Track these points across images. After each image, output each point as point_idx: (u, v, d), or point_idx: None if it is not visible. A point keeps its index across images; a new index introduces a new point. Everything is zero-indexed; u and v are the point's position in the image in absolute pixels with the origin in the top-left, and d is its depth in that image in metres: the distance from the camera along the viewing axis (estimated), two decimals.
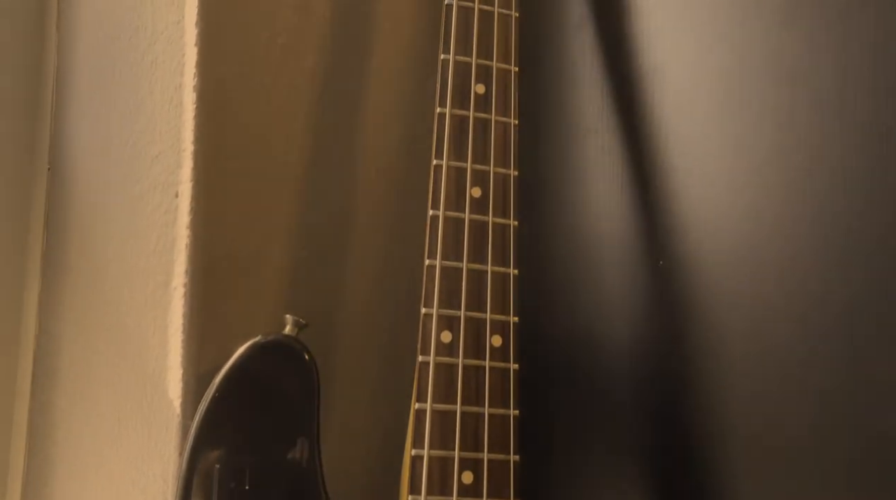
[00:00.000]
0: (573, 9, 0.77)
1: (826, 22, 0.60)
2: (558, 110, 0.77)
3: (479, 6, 0.67)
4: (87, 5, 0.75)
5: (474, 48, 0.66)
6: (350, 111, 0.75)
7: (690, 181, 0.67)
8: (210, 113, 0.62)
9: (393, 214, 0.75)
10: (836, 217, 0.59)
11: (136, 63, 0.67)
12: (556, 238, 0.75)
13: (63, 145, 0.75)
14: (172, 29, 0.63)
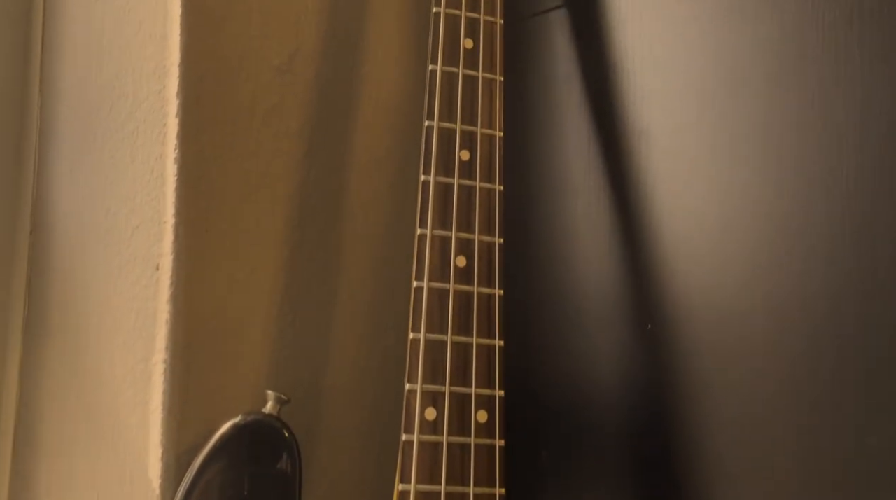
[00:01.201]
0: (559, 67, 0.77)
1: (812, 93, 0.60)
2: (545, 169, 0.77)
3: (464, 71, 0.67)
4: (70, 68, 0.75)
5: (458, 114, 0.66)
6: (335, 173, 0.74)
7: (678, 243, 0.67)
8: (191, 185, 0.61)
9: (378, 283, 0.74)
10: (824, 285, 0.59)
11: (117, 130, 0.67)
12: (543, 300, 0.75)
13: (45, 208, 0.75)
14: (154, 98, 0.63)
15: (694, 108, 0.67)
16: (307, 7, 0.73)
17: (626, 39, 0.72)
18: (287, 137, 0.70)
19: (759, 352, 0.61)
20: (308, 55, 0.73)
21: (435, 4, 0.67)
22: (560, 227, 0.75)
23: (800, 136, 0.61)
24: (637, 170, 0.70)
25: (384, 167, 0.77)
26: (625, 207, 0.71)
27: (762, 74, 0.64)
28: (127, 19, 0.68)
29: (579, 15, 0.76)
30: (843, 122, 0.59)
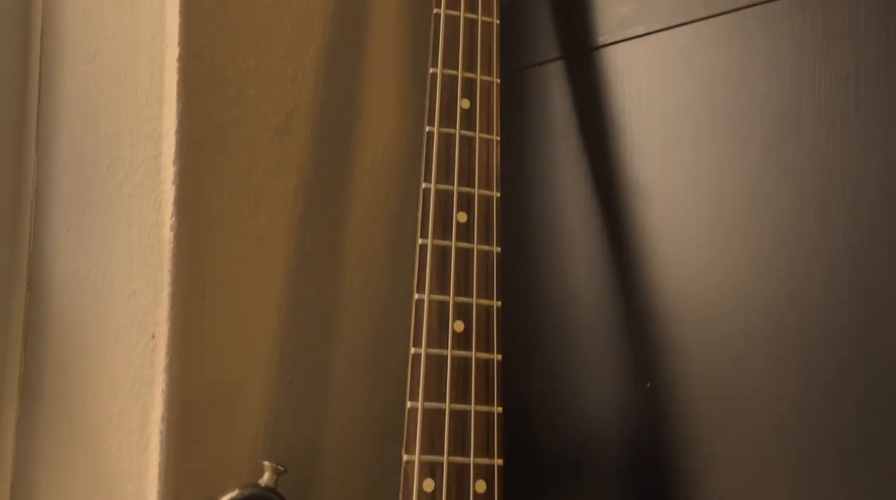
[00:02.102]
0: (556, 118, 0.77)
1: (808, 154, 0.61)
2: (542, 223, 0.77)
3: (461, 132, 0.67)
4: (67, 126, 0.75)
5: (455, 176, 0.66)
6: (333, 230, 0.75)
7: (676, 296, 0.67)
8: (188, 252, 0.61)
9: (376, 344, 0.74)
10: (821, 337, 0.59)
11: (113, 192, 0.67)
12: (543, 363, 0.74)
13: (42, 266, 0.75)
14: (151, 163, 0.63)
15: (690, 164, 0.68)
16: (304, 65, 0.73)
17: (624, 94, 0.73)
18: (285, 197, 0.71)
19: (756, 396, 0.61)
20: (305, 114, 0.73)
21: (432, 65, 0.68)
22: (559, 283, 0.75)
23: (794, 195, 0.62)
24: (634, 224, 0.71)
25: (381, 223, 0.77)
26: (623, 261, 0.71)
27: (758, 134, 0.64)
28: (124, 81, 0.68)
29: (576, 68, 0.77)
30: (837, 183, 0.59)
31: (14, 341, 0.76)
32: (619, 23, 0.73)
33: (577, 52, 0.76)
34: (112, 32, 0.70)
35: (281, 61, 0.72)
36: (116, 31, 0.70)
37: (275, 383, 0.67)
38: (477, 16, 0.71)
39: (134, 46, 0.67)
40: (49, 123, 0.76)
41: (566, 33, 0.78)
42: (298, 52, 0.73)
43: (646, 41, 0.72)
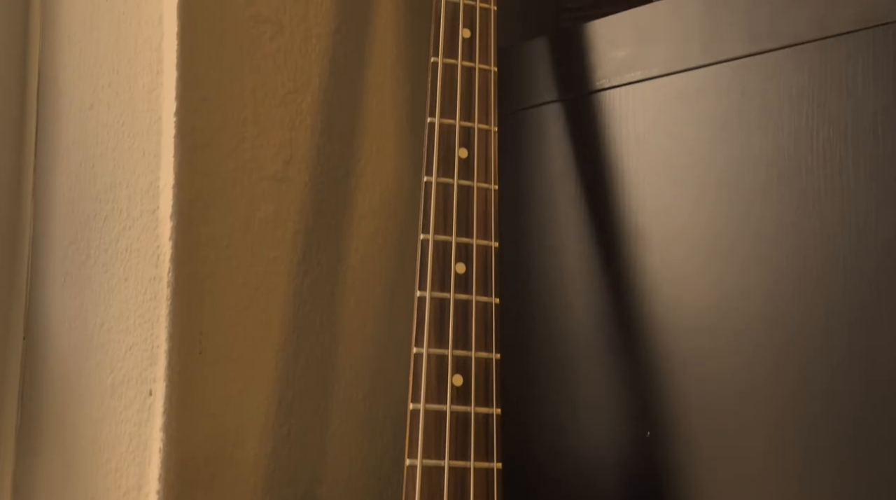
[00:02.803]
0: (554, 159, 0.77)
1: (808, 203, 0.61)
2: (540, 266, 0.77)
3: (459, 182, 0.67)
4: (63, 175, 0.75)
5: (454, 226, 0.66)
6: (330, 275, 0.75)
7: (676, 341, 0.67)
8: (185, 307, 0.61)
9: (374, 393, 0.74)
10: (824, 395, 0.58)
11: (110, 245, 0.67)
12: (542, 413, 0.74)
13: (38, 315, 0.75)
14: (148, 218, 0.63)
15: (689, 210, 0.68)
16: (302, 111, 0.74)
17: (622, 138, 0.73)
18: (283, 245, 0.71)
19: (758, 441, 0.61)
20: (303, 160, 0.73)
21: (429, 114, 0.68)
22: (558, 329, 0.75)
23: (793, 246, 0.62)
24: (633, 268, 0.70)
25: (379, 268, 0.77)
26: (622, 305, 0.71)
27: (757, 184, 0.64)
28: (121, 132, 0.68)
29: (574, 110, 0.77)
30: (837, 235, 0.59)
31: (11, 392, 0.76)
32: (617, 67, 0.74)
33: (575, 95, 0.77)
34: (109, 83, 0.70)
35: (279, 109, 0.72)
36: (113, 81, 0.70)
37: (272, 435, 0.67)
38: (474, 64, 0.71)
39: (131, 98, 0.68)
40: (46, 171, 0.77)
41: (564, 76, 0.78)
42: (296, 98, 0.73)
43: (644, 86, 0.72)
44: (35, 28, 0.79)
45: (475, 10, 0.72)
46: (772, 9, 0.64)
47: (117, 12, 0.70)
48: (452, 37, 0.71)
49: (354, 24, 0.78)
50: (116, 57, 0.70)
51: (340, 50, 0.77)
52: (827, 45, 0.61)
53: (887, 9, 0.58)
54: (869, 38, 0.59)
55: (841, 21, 0.60)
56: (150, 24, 0.66)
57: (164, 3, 0.65)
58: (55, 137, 0.76)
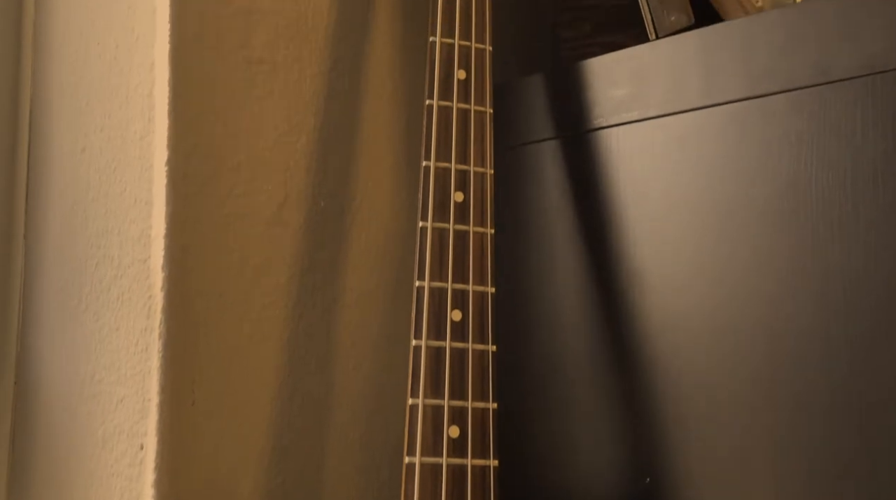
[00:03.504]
0: (550, 196, 0.77)
1: (810, 247, 0.60)
2: (536, 312, 0.77)
3: (455, 227, 0.67)
4: (55, 219, 0.75)
5: (449, 272, 0.66)
6: (325, 315, 0.74)
7: (674, 384, 0.66)
8: (177, 360, 0.61)
9: (370, 440, 0.73)
10: (823, 440, 0.58)
11: (102, 293, 0.66)
12: (540, 465, 0.73)
13: (30, 360, 0.74)
14: (139, 267, 0.62)
15: (687, 253, 0.67)
16: (296, 152, 0.73)
17: (619, 177, 0.72)
18: (277, 289, 0.70)
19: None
20: (297, 203, 0.73)
21: (425, 158, 0.67)
22: (556, 374, 0.74)
23: (792, 291, 0.61)
24: (631, 310, 0.70)
25: (375, 309, 0.77)
26: (619, 345, 0.70)
27: (756, 229, 0.63)
28: (112, 177, 0.68)
29: (571, 148, 0.77)
30: (836, 282, 0.59)
31: (2, 437, 0.75)
32: (615, 106, 0.73)
33: (572, 133, 0.76)
34: (101, 127, 0.70)
35: (273, 152, 0.71)
36: (105, 125, 0.70)
37: (267, 485, 0.66)
38: (470, 105, 0.71)
39: (123, 143, 0.67)
40: (38, 213, 0.76)
41: (561, 113, 0.78)
42: (290, 140, 0.73)
43: (641, 126, 0.72)
44: (26, 68, 0.78)
45: (470, 50, 0.72)
46: (770, 52, 0.63)
47: (109, 56, 0.70)
48: (447, 79, 0.71)
49: (349, 62, 0.78)
50: (108, 101, 0.69)
51: (335, 88, 0.77)
52: (826, 91, 0.61)
53: (886, 56, 0.57)
54: (868, 86, 0.58)
55: (840, 67, 0.60)
56: (142, 70, 0.66)
57: (156, 50, 0.64)
58: (47, 178, 0.76)
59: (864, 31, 0.58)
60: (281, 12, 0.73)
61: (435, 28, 0.71)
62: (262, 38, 0.71)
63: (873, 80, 0.58)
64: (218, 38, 0.67)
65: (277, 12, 0.72)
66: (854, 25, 0.59)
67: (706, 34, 0.67)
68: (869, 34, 0.58)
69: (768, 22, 0.64)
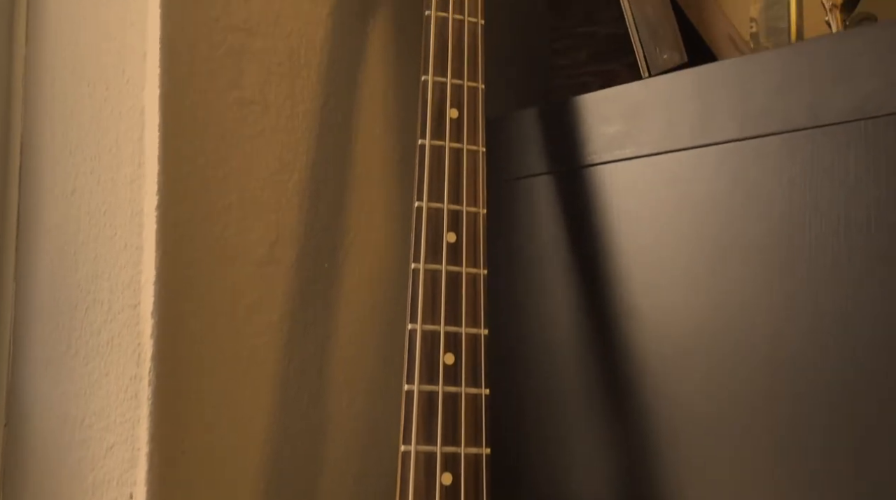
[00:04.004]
0: (544, 232, 0.77)
1: (803, 290, 0.60)
2: (531, 350, 0.76)
3: (447, 268, 0.66)
4: (46, 259, 0.75)
5: (442, 315, 0.65)
6: (318, 355, 0.74)
7: (670, 421, 0.66)
8: (167, 409, 0.60)
9: (364, 478, 0.73)
10: (820, 484, 0.57)
11: (91, 337, 0.66)
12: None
13: (20, 402, 0.74)
14: (129, 312, 0.62)
15: (679, 292, 0.67)
16: (288, 190, 0.73)
17: (613, 214, 0.72)
18: (268, 330, 0.70)
19: None
20: (289, 241, 0.73)
21: (417, 198, 0.67)
22: (552, 422, 0.74)
23: (786, 333, 0.61)
24: (623, 345, 0.70)
25: (368, 345, 0.76)
26: (612, 382, 0.70)
27: (749, 271, 0.63)
28: (103, 221, 0.68)
29: (565, 183, 0.76)
30: (830, 326, 0.58)
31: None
32: (608, 143, 0.73)
33: (566, 168, 0.76)
34: (91, 169, 0.70)
35: (264, 190, 0.71)
36: (95, 168, 0.69)
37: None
38: (462, 145, 0.71)
39: (113, 187, 0.67)
40: (29, 253, 0.76)
41: (555, 148, 0.78)
42: (283, 178, 0.73)
43: (635, 164, 0.72)
44: (17, 107, 0.78)
45: (462, 89, 0.72)
46: (764, 94, 0.63)
47: (99, 97, 0.69)
48: (440, 117, 0.70)
49: (342, 96, 0.78)
50: (98, 144, 0.69)
51: (328, 123, 0.77)
52: (819, 135, 0.60)
53: (879, 100, 0.57)
54: (861, 130, 0.58)
55: (833, 111, 0.60)
56: (133, 114, 0.65)
57: (146, 94, 0.64)
58: (38, 219, 0.75)
59: (858, 74, 0.58)
60: (273, 50, 0.73)
61: (427, 67, 0.71)
62: (253, 77, 0.71)
63: (866, 124, 0.58)
64: (209, 80, 0.67)
65: (269, 50, 0.72)
66: (848, 68, 0.59)
67: (700, 73, 0.67)
68: (862, 77, 0.58)
69: (763, 63, 0.64)
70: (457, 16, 0.74)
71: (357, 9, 0.79)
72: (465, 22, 0.74)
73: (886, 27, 0.57)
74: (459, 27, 0.73)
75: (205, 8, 0.67)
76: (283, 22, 0.74)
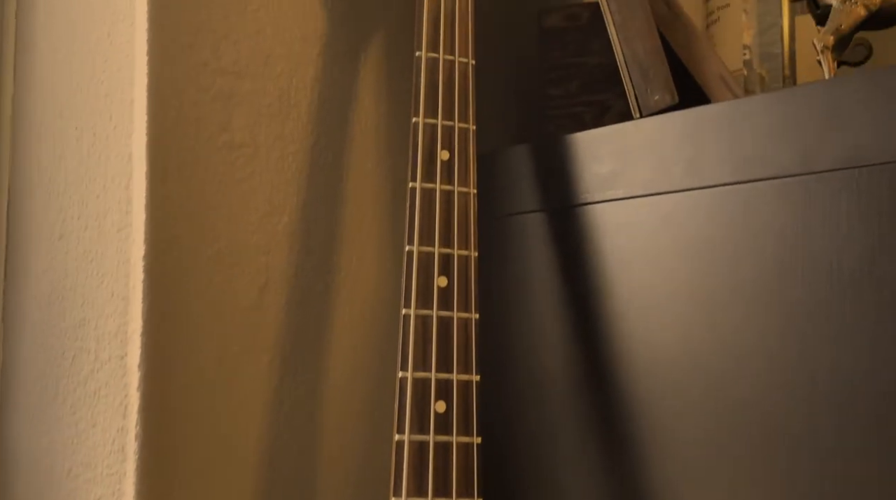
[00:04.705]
0: (537, 270, 0.76)
1: (792, 337, 0.59)
2: (524, 411, 0.76)
3: (438, 313, 0.66)
4: (34, 304, 0.74)
5: (433, 362, 0.65)
6: (310, 397, 0.73)
7: (660, 459, 0.65)
8: (153, 462, 0.60)
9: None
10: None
11: (78, 386, 0.65)
12: None
13: (7, 447, 0.73)
14: (116, 363, 0.62)
15: (674, 332, 0.66)
16: (277, 233, 0.72)
17: (605, 253, 0.72)
18: (257, 377, 0.69)
19: None
20: (279, 283, 0.72)
21: (408, 242, 0.67)
22: (540, 447, 0.73)
23: (779, 379, 0.60)
24: (617, 386, 0.69)
25: (360, 384, 0.75)
26: (606, 424, 0.69)
27: (742, 314, 0.63)
28: (90, 267, 0.67)
29: (558, 222, 0.76)
30: (825, 374, 0.58)
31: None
32: (600, 183, 0.73)
33: (558, 207, 0.76)
34: (78, 214, 0.69)
35: (253, 236, 0.71)
36: (83, 214, 0.69)
37: None
38: (453, 187, 0.70)
39: (100, 235, 0.66)
40: (16, 298, 0.75)
41: (548, 187, 0.77)
42: (273, 220, 0.72)
43: (627, 204, 0.71)
44: (5, 148, 0.78)
45: (453, 130, 0.71)
46: (756, 139, 0.63)
47: (87, 142, 0.69)
48: (430, 160, 0.70)
49: (333, 136, 0.77)
50: (85, 189, 0.69)
51: (319, 163, 0.76)
52: (812, 181, 0.60)
53: (873, 150, 0.57)
54: (854, 179, 0.58)
55: (826, 158, 0.59)
56: (120, 161, 0.65)
57: (133, 141, 0.64)
58: (25, 263, 0.75)
59: (851, 122, 0.58)
60: (262, 92, 0.72)
61: (417, 108, 0.70)
62: (242, 120, 0.70)
63: (859, 172, 0.58)
64: (197, 125, 0.67)
65: (259, 92, 0.72)
66: (841, 115, 0.59)
67: (691, 116, 0.67)
68: (856, 125, 0.58)
69: (755, 107, 0.63)
70: (447, 56, 0.73)
71: (348, 48, 0.79)
72: (456, 62, 0.74)
73: (879, 75, 0.57)
74: (450, 68, 0.73)
75: (193, 52, 0.67)
76: (274, 63, 0.73)
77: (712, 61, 0.78)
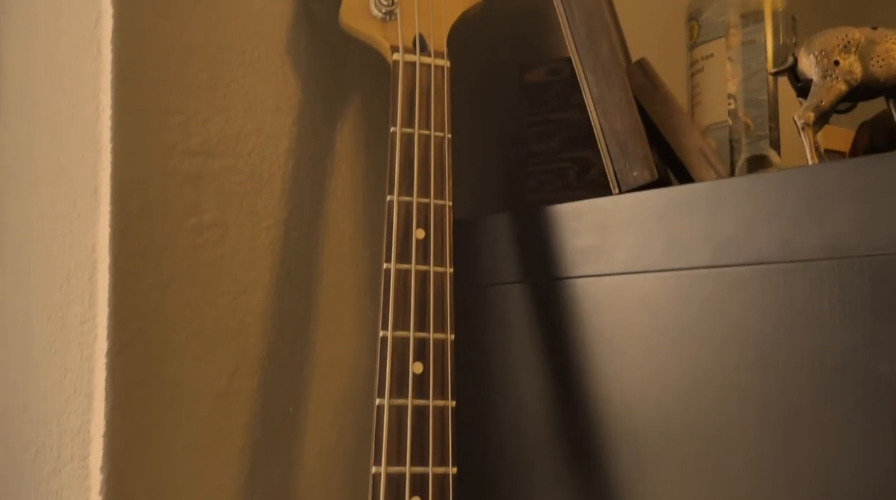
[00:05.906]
0: (516, 342, 0.75)
1: (774, 435, 0.58)
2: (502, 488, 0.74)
3: (413, 402, 0.64)
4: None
5: (407, 457, 0.63)
6: (284, 480, 0.71)
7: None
8: None
9: None
10: None
11: (41, 483, 0.64)
12: None
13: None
14: (78, 464, 0.60)
15: (655, 410, 0.65)
16: (251, 310, 0.71)
17: (585, 329, 0.71)
18: (227, 466, 0.67)
19: None
20: (251, 366, 0.70)
21: (382, 327, 0.65)
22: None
23: (760, 472, 0.59)
24: (598, 461, 0.67)
25: (335, 460, 0.73)
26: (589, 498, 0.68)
27: (725, 397, 0.61)
28: (53, 362, 0.65)
29: (538, 294, 0.75)
30: (805, 470, 0.56)
31: None
32: (580, 258, 0.71)
33: (539, 279, 0.74)
34: (43, 302, 0.68)
35: (224, 318, 0.69)
36: (47, 303, 0.67)
37: None
38: (429, 267, 0.69)
39: (63, 326, 0.65)
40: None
41: (527, 259, 0.76)
42: (244, 301, 0.70)
43: (606, 281, 0.70)
44: None
45: (429, 207, 0.70)
46: (736, 222, 0.62)
47: (48, 233, 0.67)
48: (406, 238, 0.69)
49: (307, 209, 0.76)
50: (49, 280, 0.67)
51: (292, 238, 0.75)
52: (792, 269, 0.59)
53: (853, 242, 0.56)
54: (835, 269, 0.56)
55: (805, 247, 0.58)
56: (83, 252, 0.63)
57: (97, 230, 0.62)
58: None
59: (831, 212, 0.57)
60: (233, 170, 0.71)
61: (392, 186, 0.69)
62: (212, 201, 0.69)
63: (840, 263, 0.56)
64: (165, 210, 0.65)
65: (229, 170, 0.70)
66: (821, 204, 0.57)
67: (670, 195, 0.66)
68: (836, 216, 0.57)
69: (735, 190, 0.62)
70: (423, 131, 0.72)
71: (323, 116, 0.77)
72: (432, 136, 0.72)
73: (861, 164, 0.56)
74: (426, 142, 0.72)
75: (161, 136, 0.65)
76: (245, 139, 0.72)
77: (692, 134, 0.77)
